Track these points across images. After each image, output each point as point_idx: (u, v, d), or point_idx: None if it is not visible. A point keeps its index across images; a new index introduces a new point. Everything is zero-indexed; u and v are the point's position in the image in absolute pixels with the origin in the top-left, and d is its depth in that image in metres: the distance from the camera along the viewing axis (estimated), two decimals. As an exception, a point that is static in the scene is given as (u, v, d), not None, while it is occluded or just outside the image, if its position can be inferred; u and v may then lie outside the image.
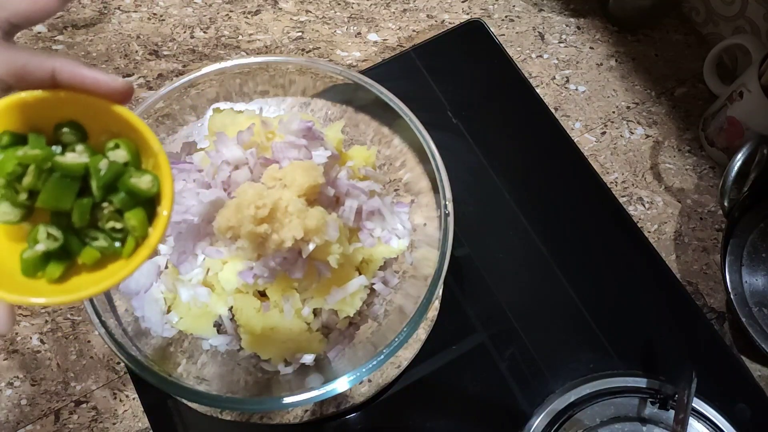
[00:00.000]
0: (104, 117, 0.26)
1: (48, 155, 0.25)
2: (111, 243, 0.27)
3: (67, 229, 0.27)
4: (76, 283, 0.27)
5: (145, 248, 0.26)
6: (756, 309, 0.56)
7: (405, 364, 0.51)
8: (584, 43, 0.72)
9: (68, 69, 0.24)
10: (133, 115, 0.26)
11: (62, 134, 0.26)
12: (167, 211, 0.27)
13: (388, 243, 0.50)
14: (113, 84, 0.25)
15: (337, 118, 0.55)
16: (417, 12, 0.72)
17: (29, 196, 0.26)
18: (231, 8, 0.71)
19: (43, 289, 0.26)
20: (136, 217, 0.26)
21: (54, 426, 0.52)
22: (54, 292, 0.26)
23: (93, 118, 0.26)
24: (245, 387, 0.46)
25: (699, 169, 0.65)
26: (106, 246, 0.27)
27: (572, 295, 0.56)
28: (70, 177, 0.26)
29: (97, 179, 0.26)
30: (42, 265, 0.26)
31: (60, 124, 0.26)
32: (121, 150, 0.26)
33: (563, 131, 0.63)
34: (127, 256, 0.27)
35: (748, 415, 0.52)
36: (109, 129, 0.27)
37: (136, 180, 0.26)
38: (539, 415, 0.51)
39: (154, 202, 0.27)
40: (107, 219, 0.27)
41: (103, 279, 0.26)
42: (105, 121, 0.26)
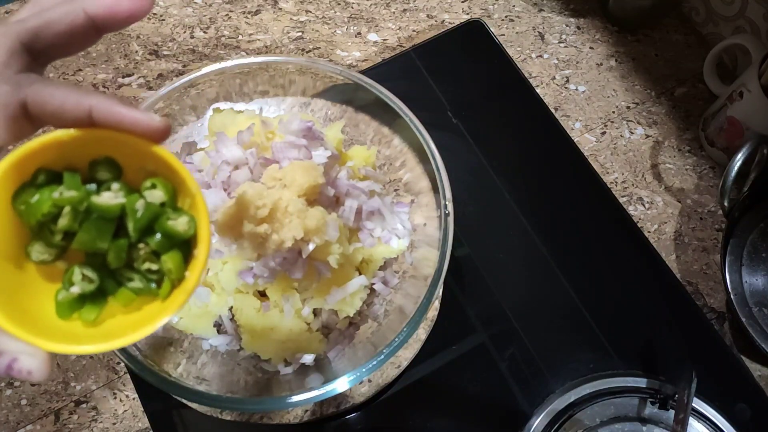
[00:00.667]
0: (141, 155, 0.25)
1: (84, 196, 0.25)
2: (147, 284, 0.26)
3: (102, 270, 0.26)
4: (112, 327, 0.26)
5: (183, 293, 0.26)
6: (756, 309, 0.56)
7: (405, 364, 0.51)
8: (584, 43, 0.72)
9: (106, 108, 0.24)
10: (171, 155, 0.25)
11: (97, 171, 0.26)
12: (204, 255, 0.26)
13: (388, 243, 0.50)
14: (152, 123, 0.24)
15: (337, 118, 0.55)
16: (417, 12, 0.72)
17: (64, 236, 0.25)
18: (231, 8, 0.71)
19: (79, 334, 0.26)
20: (172, 260, 0.26)
21: (54, 426, 0.52)
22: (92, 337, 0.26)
23: (129, 155, 0.26)
24: (245, 387, 0.46)
25: (699, 169, 0.65)
26: (142, 287, 0.26)
27: (572, 295, 0.56)
28: (107, 218, 0.25)
29: (134, 221, 0.25)
30: (77, 307, 0.26)
31: (95, 161, 0.26)
32: (158, 190, 0.26)
33: (563, 131, 0.63)
34: (164, 298, 0.26)
35: (748, 415, 0.52)
36: (145, 167, 0.26)
37: (173, 222, 0.26)
38: (539, 415, 0.51)
39: (189, 243, 0.27)
40: (143, 260, 0.26)
41: (141, 323, 0.26)
42: (141, 159, 0.26)
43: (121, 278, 0.27)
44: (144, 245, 0.26)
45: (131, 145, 0.25)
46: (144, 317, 0.26)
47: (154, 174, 0.26)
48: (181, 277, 0.26)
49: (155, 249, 0.26)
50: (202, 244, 0.26)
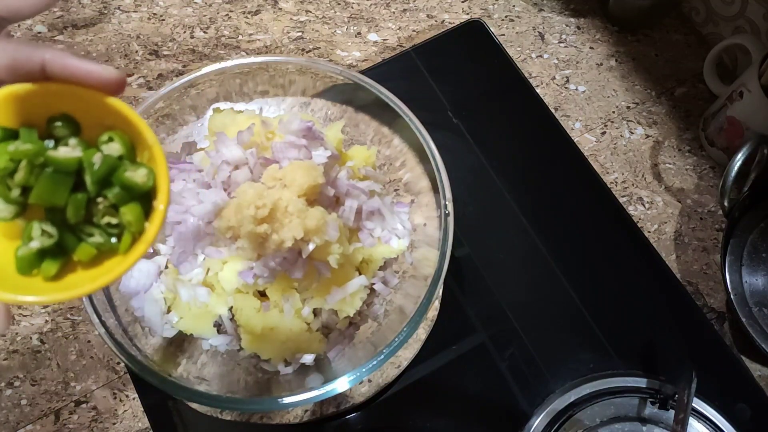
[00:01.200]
0: (97, 109, 0.25)
1: (40, 150, 0.25)
2: (107, 239, 0.26)
3: (62, 226, 0.26)
4: (73, 280, 0.26)
5: (142, 243, 0.26)
6: (756, 309, 0.56)
7: (405, 364, 0.51)
8: (584, 43, 0.72)
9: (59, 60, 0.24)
10: (126, 106, 0.25)
11: (55, 128, 0.26)
12: (164, 205, 0.26)
13: (388, 243, 0.50)
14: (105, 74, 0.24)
15: (337, 118, 0.55)
16: (417, 12, 0.72)
17: (22, 192, 0.25)
18: (231, 8, 0.71)
19: (38, 287, 0.26)
20: (131, 212, 0.26)
21: (54, 426, 0.52)
22: (50, 289, 0.26)
23: (86, 111, 0.26)
24: (245, 387, 0.46)
25: (699, 169, 0.65)
26: (102, 242, 0.26)
27: (572, 295, 0.56)
28: (64, 172, 0.25)
29: (92, 173, 0.25)
30: (37, 263, 0.26)
31: (53, 118, 0.26)
32: (115, 143, 0.26)
33: (563, 131, 0.63)
34: (124, 252, 0.26)
35: (748, 415, 0.52)
36: (103, 122, 0.26)
37: (131, 174, 0.26)
38: (539, 415, 0.51)
39: (150, 196, 0.27)
40: (102, 214, 0.26)
41: (100, 275, 0.26)
42: (98, 114, 0.26)
43: (81, 233, 0.26)
44: (103, 199, 0.26)
45: (86, 97, 0.25)
46: (104, 270, 0.26)
47: (112, 128, 0.26)
48: (141, 229, 0.26)
49: (114, 202, 0.26)
50: (161, 195, 0.26)
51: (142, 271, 0.47)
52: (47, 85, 0.24)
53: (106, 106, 0.25)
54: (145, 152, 0.26)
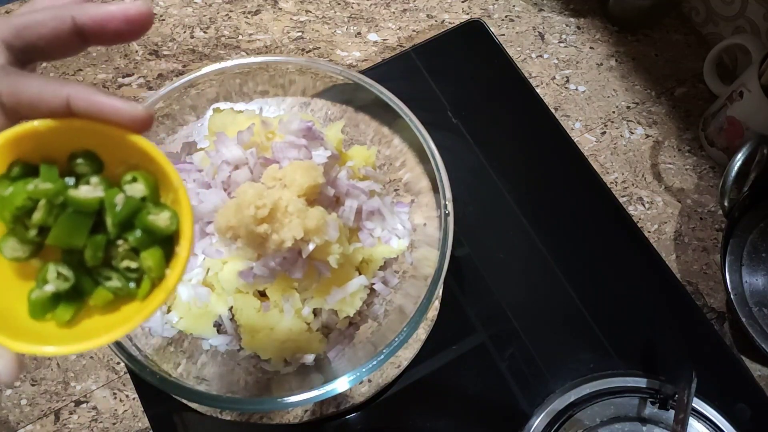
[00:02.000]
0: (121, 147, 0.24)
1: (60, 189, 0.23)
2: (125, 283, 0.25)
3: (79, 268, 0.25)
4: (87, 327, 0.25)
5: (162, 292, 0.25)
6: (756, 309, 0.56)
7: (405, 364, 0.51)
8: (584, 43, 0.72)
9: (84, 96, 0.23)
10: (153, 146, 0.24)
11: (77, 165, 0.24)
12: (186, 252, 0.25)
13: (388, 243, 0.50)
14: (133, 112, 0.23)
15: (337, 118, 0.55)
16: (417, 12, 0.72)
17: (39, 232, 0.24)
18: (231, 8, 0.71)
19: (52, 334, 0.24)
20: (152, 257, 0.24)
21: (54, 426, 0.52)
22: (64, 338, 0.24)
23: (109, 148, 0.24)
24: (245, 387, 0.46)
25: (699, 169, 0.65)
26: (120, 286, 0.25)
27: (572, 295, 0.56)
28: (84, 213, 0.24)
29: (113, 215, 0.24)
30: (51, 307, 0.25)
31: (74, 154, 0.24)
32: (139, 184, 0.24)
33: (563, 131, 0.63)
34: (143, 298, 0.25)
35: (748, 415, 0.52)
36: (127, 160, 0.25)
37: (154, 217, 0.24)
38: (539, 415, 0.51)
39: (172, 240, 0.25)
40: (122, 258, 0.25)
41: (117, 324, 0.24)
42: (122, 152, 0.24)
43: (99, 277, 0.25)
44: (123, 242, 0.25)
45: (111, 135, 0.24)
46: (121, 317, 0.25)
47: (136, 167, 0.25)
48: (162, 275, 0.25)
49: (135, 246, 0.25)
50: (184, 241, 0.25)
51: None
52: (71, 121, 0.23)
53: (130, 145, 0.24)
54: (170, 194, 0.25)
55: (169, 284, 0.25)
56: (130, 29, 0.25)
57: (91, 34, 0.25)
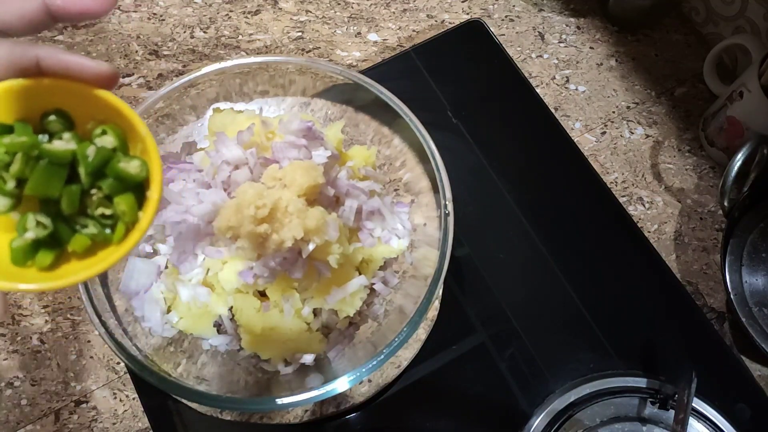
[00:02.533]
0: (90, 104, 0.26)
1: (35, 142, 0.25)
2: (101, 229, 0.27)
3: (57, 217, 0.26)
4: (67, 270, 0.27)
5: (136, 232, 0.26)
6: (756, 309, 0.56)
7: (405, 364, 0.51)
8: (584, 43, 0.72)
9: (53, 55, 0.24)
10: (119, 100, 0.26)
11: (49, 123, 0.26)
12: (157, 195, 0.26)
13: (388, 243, 0.50)
14: (98, 69, 0.25)
15: (337, 118, 0.55)
16: (417, 12, 0.72)
17: (17, 184, 0.26)
18: (231, 8, 0.71)
19: (33, 276, 0.26)
20: (125, 202, 0.26)
21: (54, 426, 0.52)
22: (45, 278, 0.26)
23: (79, 106, 0.26)
24: (245, 387, 0.46)
25: (699, 169, 0.65)
26: (96, 232, 0.27)
27: (572, 295, 0.56)
28: (58, 164, 0.26)
29: (85, 165, 0.26)
30: (32, 254, 0.26)
31: (46, 113, 0.26)
32: (109, 136, 0.26)
33: (563, 131, 0.63)
34: (118, 242, 0.27)
35: (748, 415, 0.52)
36: (96, 116, 0.27)
37: (125, 165, 0.26)
38: (539, 415, 0.51)
39: (143, 187, 0.27)
40: (96, 205, 0.26)
41: (95, 264, 0.26)
42: (91, 108, 0.26)
43: (76, 224, 0.27)
44: (97, 190, 0.26)
45: (80, 92, 0.25)
46: (99, 259, 0.27)
47: (105, 122, 0.27)
48: (135, 219, 0.27)
49: (108, 193, 0.26)
50: (154, 185, 0.26)
51: (142, 271, 0.47)
52: (41, 80, 0.25)
53: (99, 100, 0.26)
54: (138, 144, 0.27)
55: (143, 225, 0.27)
56: (94, 7, 0.26)
57: (58, 13, 0.26)
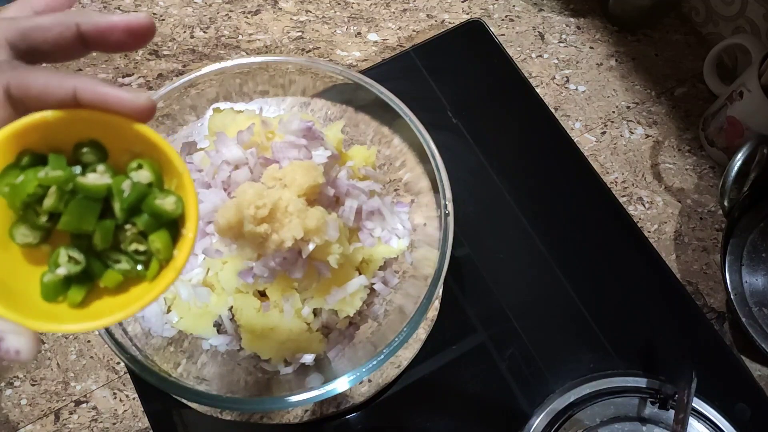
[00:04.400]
0: (126, 136, 0.25)
1: (70, 176, 0.24)
2: (134, 266, 0.26)
3: (89, 252, 0.26)
4: (99, 308, 0.26)
5: (171, 271, 0.26)
6: (756, 309, 0.56)
7: (405, 364, 0.51)
8: (584, 43, 0.72)
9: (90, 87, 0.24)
10: (156, 134, 0.25)
11: (82, 154, 0.25)
12: (192, 234, 0.26)
13: (388, 243, 0.50)
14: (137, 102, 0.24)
15: (337, 118, 0.55)
16: (417, 12, 0.72)
17: (49, 218, 0.25)
18: (231, 8, 0.71)
19: (65, 315, 0.25)
20: (160, 240, 0.26)
21: (54, 426, 0.52)
22: (78, 317, 0.25)
23: (114, 138, 0.25)
24: (245, 387, 0.46)
25: (699, 169, 0.65)
26: (129, 269, 0.26)
27: (572, 295, 0.56)
28: (93, 198, 0.25)
29: (121, 201, 0.25)
30: (63, 290, 0.26)
31: (80, 144, 0.25)
32: (145, 171, 0.26)
33: (563, 131, 0.63)
34: (151, 279, 0.26)
35: (748, 415, 0.52)
36: (131, 149, 0.26)
37: (161, 201, 0.25)
38: (539, 415, 0.51)
39: (177, 224, 0.26)
40: (130, 241, 0.26)
41: (129, 303, 0.25)
42: (127, 141, 0.25)
43: (108, 260, 0.26)
44: (131, 226, 0.26)
45: (116, 125, 0.25)
46: (132, 297, 0.26)
47: (140, 155, 0.26)
48: (169, 257, 0.26)
49: (142, 229, 0.26)
50: (190, 223, 0.26)
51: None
52: (77, 112, 0.24)
53: (135, 133, 0.25)
54: (174, 180, 0.26)
55: (178, 264, 0.26)
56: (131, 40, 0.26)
57: (93, 42, 0.26)
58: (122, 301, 0.26)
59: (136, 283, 0.26)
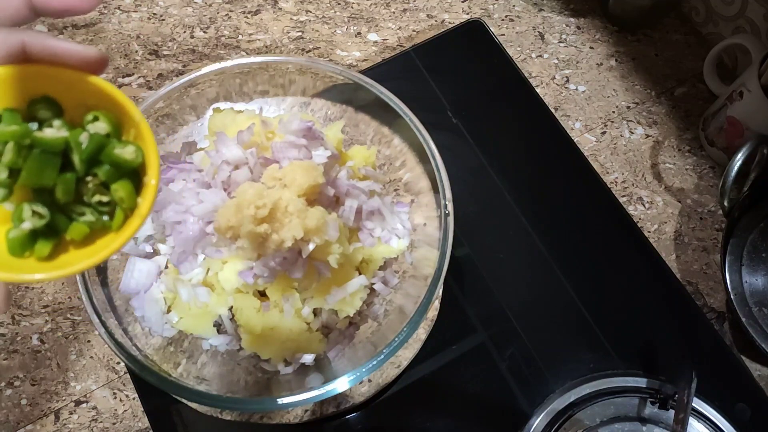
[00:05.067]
0: (80, 90, 0.25)
1: (26, 131, 0.24)
2: (99, 217, 0.26)
3: (52, 206, 0.26)
4: (68, 259, 0.26)
5: (137, 218, 0.26)
6: (756, 309, 0.56)
7: (405, 364, 0.51)
8: (584, 43, 0.72)
9: (39, 41, 0.23)
10: (110, 85, 0.25)
11: (37, 110, 0.25)
12: (155, 180, 0.26)
13: (388, 243, 0.50)
14: (86, 53, 0.24)
15: (337, 118, 0.55)
16: (417, 12, 0.72)
17: (9, 174, 0.25)
18: (231, 8, 0.71)
19: (33, 267, 0.25)
20: (123, 189, 0.26)
21: (54, 426, 0.52)
22: (46, 268, 0.25)
23: (68, 92, 0.25)
24: (245, 387, 0.46)
25: (699, 169, 0.65)
26: (94, 220, 0.26)
27: (572, 295, 0.56)
28: (51, 152, 0.25)
29: (79, 152, 0.25)
30: (30, 244, 0.26)
31: (34, 101, 0.25)
32: (101, 122, 0.26)
33: (563, 131, 0.63)
34: (117, 229, 0.26)
35: (748, 415, 0.52)
36: (86, 102, 0.26)
37: (120, 151, 0.25)
38: (539, 415, 0.51)
39: (139, 174, 0.27)
40: (93, 193, 0.26)
41: (96, 252, 0.26)
42: (81, 95, 0.25)
43: (72, 213, 0.26)
44: (92, 177, 0.26)
45: (68, 78, 0.24)
46: (99, 247, 0.26)
47: (96, 108, 0.26)
48: (133, 205, 0.26)
49: (104, 180, 0.26)
50: (151, 170, 0.26)
51: (142, 271, 0.47)
52: (27, 66, 0.24)
53: (89, 86, 0.25)
54: (132, 130, 0.26)
55: (143, 211, 0.26)
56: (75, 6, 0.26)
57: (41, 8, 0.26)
58: (89, 252, 0.26)
59: (102, 234, 0.27)
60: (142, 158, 0.26)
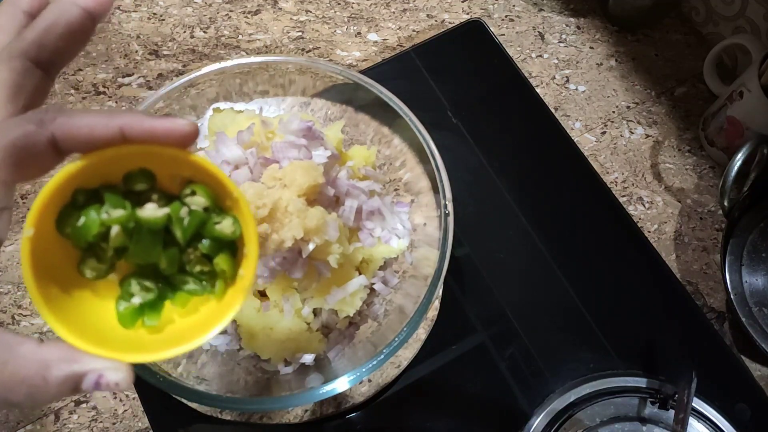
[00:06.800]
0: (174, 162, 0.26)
1: (131, 214, 0.25)
2: (201, 285, 0.27)
3: (156, 277, 0.27)
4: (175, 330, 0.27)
5: (241, 292, 0.27)
6: (756, 309, 0.56)
7: (405, 364, 0.51)
8: (584, 42, 0.72)
9: (137, 124, 0.24)
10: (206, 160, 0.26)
11: (133, 183, 0.26)
12: (255, 252, 0.27)
13: (388, 243, 0.50)
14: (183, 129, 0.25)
15: (337, 118, 0.55)
16: (417, 12, 0.72)
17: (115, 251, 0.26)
18: (231, 8, 0.71)
19: (145, 340, 0.26)
20: (224, 262, 0.27)
21: (54, 426, 0.52)
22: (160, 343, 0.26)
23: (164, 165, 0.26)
24: (245, 387, 0.46)
25: (699, 169, 0.65)
26: (198, 288, 0.27)
27: (572, 295, 0.56)
28: (155, 231, 0.26)
29: (182, 230, 0.26)
30: (138, 315, 0.27)
31: (129, 173, 0.26)
32: (199, 197, 0.26)
33: (563, 131, 0.63)
34: (219, 296, 0.27)
35: (748, 415, 0.52)
36: (179, 172, 0.26)
37: (220, 226, 0.26)
38: (539, 415, 0.51)
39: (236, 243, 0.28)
40: (195, 263, 0.27)
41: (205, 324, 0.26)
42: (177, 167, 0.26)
43: (176, 282, 0.27)
44: (193, 249, 0.27)
45: (165, 154, 0.25)
46: (204, 318, 0.27)
47: (191, 179, 0.27)
48: (234, 275, 0.27)
49: (205, 253, 0.27)
50: (250, 242, 0.27)
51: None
52: (127, 147, 0.25)
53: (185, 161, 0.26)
54: (227, 201, 0.27)
55: (246, 283, 0.27)
56: None
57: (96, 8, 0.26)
58: (195, 321, 0.27)
59: (204, 300, 0.28)
60: (239, 230, 0.27)
